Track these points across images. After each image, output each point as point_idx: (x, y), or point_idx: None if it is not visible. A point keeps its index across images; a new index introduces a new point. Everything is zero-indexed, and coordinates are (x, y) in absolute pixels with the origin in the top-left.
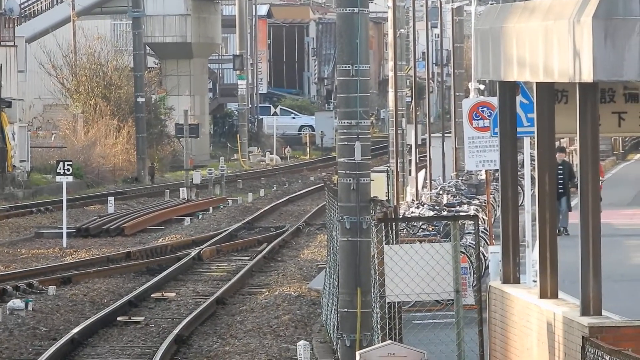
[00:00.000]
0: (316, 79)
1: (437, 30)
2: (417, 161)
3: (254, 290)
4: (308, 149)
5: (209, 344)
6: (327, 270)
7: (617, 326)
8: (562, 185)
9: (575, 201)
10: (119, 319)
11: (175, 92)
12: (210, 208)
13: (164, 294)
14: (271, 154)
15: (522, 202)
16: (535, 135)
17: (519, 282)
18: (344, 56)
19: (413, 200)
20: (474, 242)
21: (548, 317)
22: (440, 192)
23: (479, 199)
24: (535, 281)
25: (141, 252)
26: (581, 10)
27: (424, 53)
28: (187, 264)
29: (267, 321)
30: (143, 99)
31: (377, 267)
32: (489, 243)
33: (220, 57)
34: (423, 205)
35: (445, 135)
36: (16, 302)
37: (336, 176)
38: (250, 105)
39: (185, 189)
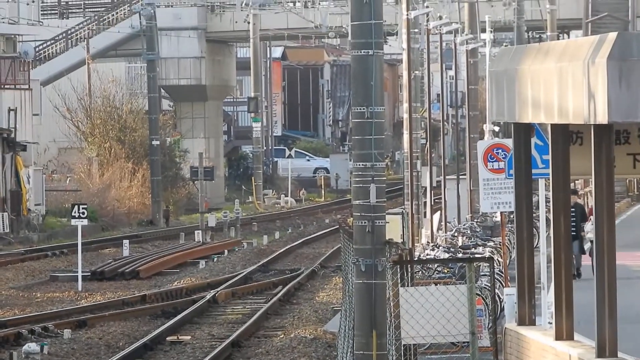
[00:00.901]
0: (331, 121)
1: (451, 72)
2: (432, 203)
3: (270, 333)
4: (323, 192)
5: None
6: (342, 312)
7: None
8: (574, 228)
9: (587, 244)
10: None
11: (190, 134)
12: (226, 251)
13: (180, 337)
14: (286, 196)
15: (537, 244)
16: (550, 177)
17: (535, 324)
18: (358, 98)
19: (428, 242)
20: (489, 284)
21: (564, 359)
22: (456, 234)
23: (494, 241)
24: (550, 323)
25: (156, 295)
26: (596, 52)
27: (438, 95)
28: (202, 307)
29: None
30: (158, 142)
31: (392, 310)
32: (504, 285)
33: (234, 100)
34: (438, 248)
35: (460, 177)
36: (31, 346)
37: (351, 218)
38: (265, 148)
39: (200, 231)
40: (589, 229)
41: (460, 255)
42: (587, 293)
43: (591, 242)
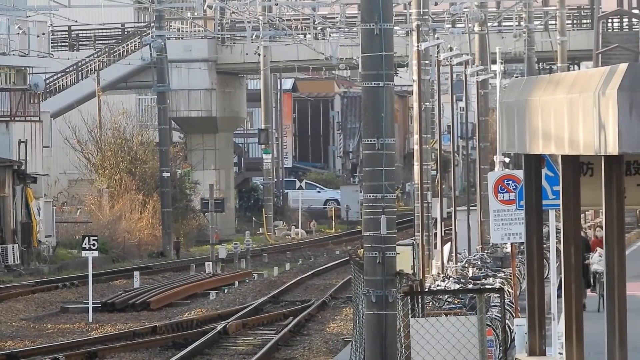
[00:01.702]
0: (341, 153)
1: (462, 104)
2: (443, 234)
3: None
4: (333, 223)
5: None
6: (353, 343)
7: None
8: None
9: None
10: None
11: (201, 166)
12: (236, 282)
13: None
14: (297, 227)
15: (547, 275)
16: (561, 208)
17: (545, 355)
18: (369, 130)
19: (439, 273)
20: (499, 315)
21: None
22: (466, 265)
23: (504, 272)
24: (561, 353)
25: (167, 326)
26: (606, 83)
27: (449, 126)
28: (213, 338)
29: None
30: (168, 174)
31: (403, 341)
32: (514, 315)
33: (245, 131)
34: (449, 279)
35: (471, 208)
36: None
37: (362, 250)
38: (275, 180)
39: (210, 263)
40: (596, 260)
41: (470, 286)
42: (597, 323)
43: (597, 273)
